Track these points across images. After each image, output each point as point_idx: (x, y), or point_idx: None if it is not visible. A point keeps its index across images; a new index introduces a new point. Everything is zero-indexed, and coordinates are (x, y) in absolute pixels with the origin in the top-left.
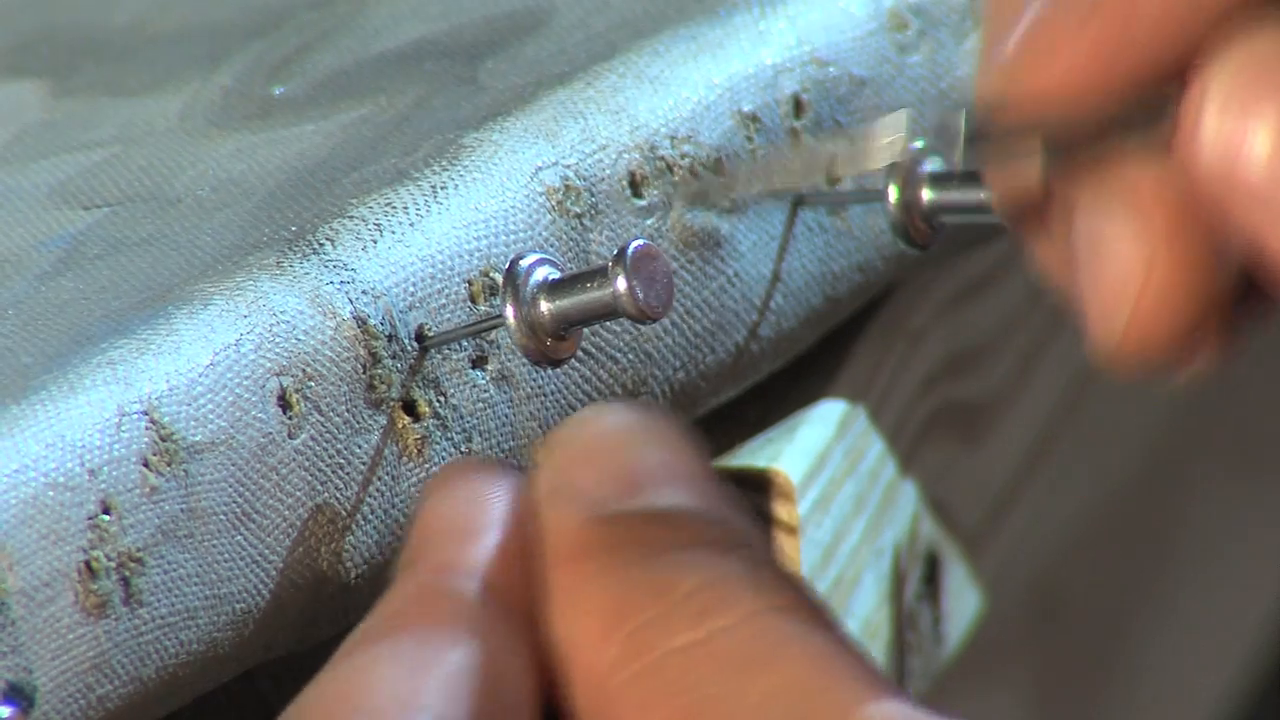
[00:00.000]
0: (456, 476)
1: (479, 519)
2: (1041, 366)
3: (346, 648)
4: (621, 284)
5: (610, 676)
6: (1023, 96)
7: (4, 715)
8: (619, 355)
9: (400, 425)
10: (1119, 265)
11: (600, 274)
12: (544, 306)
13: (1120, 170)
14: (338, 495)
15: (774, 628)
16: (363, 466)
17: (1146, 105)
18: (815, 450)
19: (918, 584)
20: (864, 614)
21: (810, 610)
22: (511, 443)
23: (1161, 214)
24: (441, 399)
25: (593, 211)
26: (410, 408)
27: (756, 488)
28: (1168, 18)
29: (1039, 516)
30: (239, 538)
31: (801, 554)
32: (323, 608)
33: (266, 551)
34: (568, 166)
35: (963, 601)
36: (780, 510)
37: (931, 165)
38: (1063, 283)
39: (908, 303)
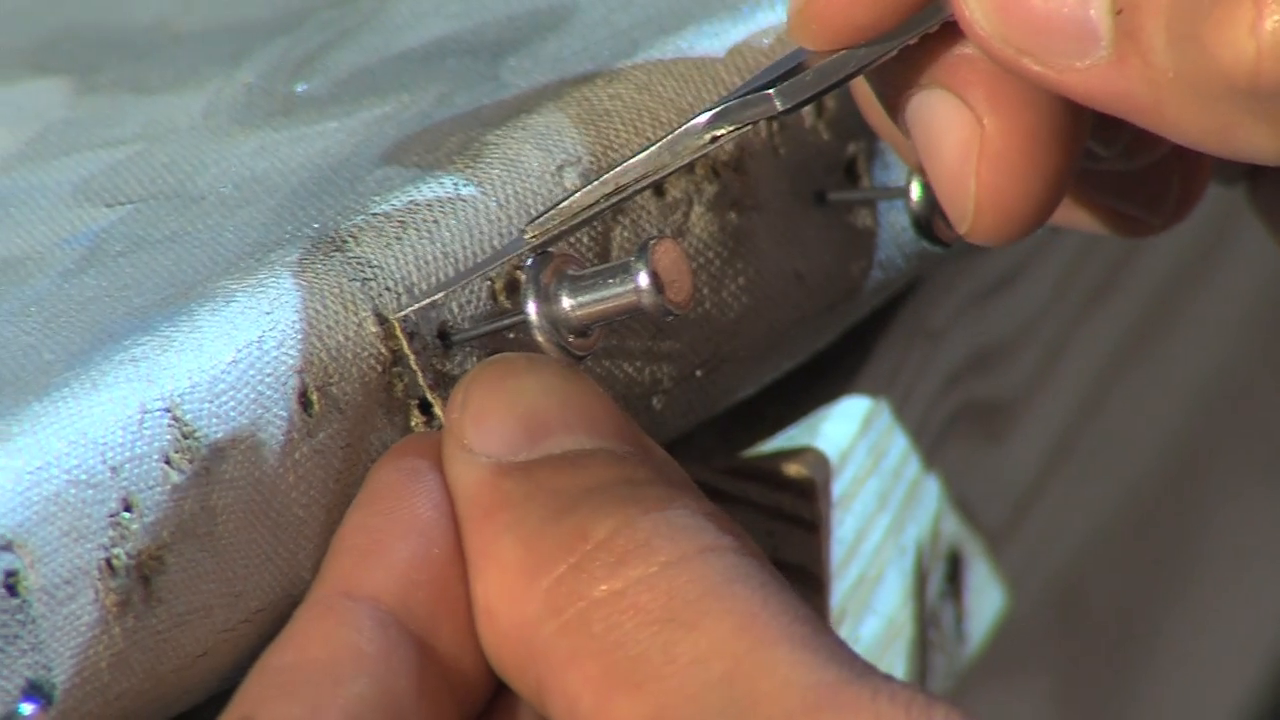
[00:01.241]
0: (378, 474)
1: (387, 529)
2: (1064, 364)
3: (256, 669)
4: (643, 280)
5: (535, 632)
6: (820, 38)
7: (24, 712)
8: (640, 352)
9: (415, 424)
10: (953, 140)
11: (622, 270)
12: (566, 303)
13: (932, 60)
14: (354, 493)
15: (695, 578)
16: None
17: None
18: (838, 447)
19: (940, 582)
20: (887, 612)
21: (731, 551)
22: None
23: (976, 82)
24: None
25: (614, 208)
26: (427, 407)
27: (779, 485)
28: None
29: (1062, 514)
30: (257, 536)
31: (824, 552)
32: None
33: (283, 550)
34: (590, 163)
35: (986, 599)
36: (803, 508)
37: None
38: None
39: (930, 300)
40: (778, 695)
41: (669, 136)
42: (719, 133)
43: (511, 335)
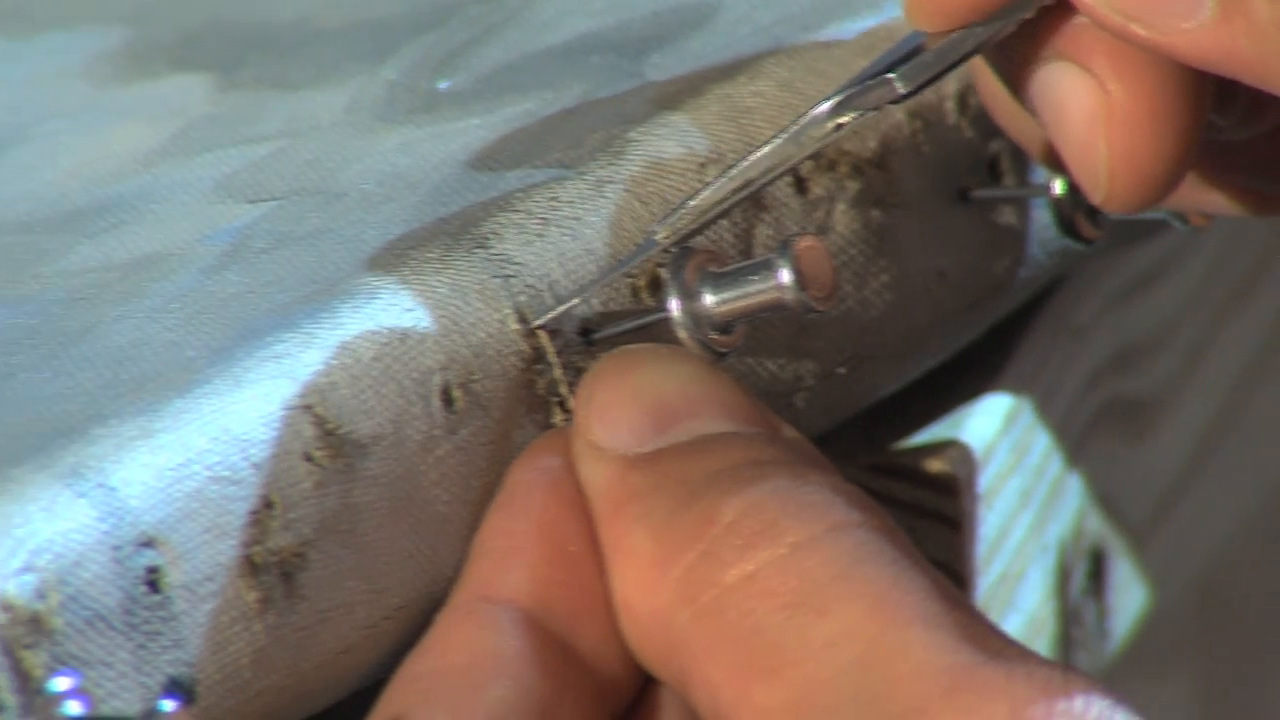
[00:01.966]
0: (513, 476)
1: (523, 530)
2: (1208, 361)
3: (399, 675)
4: (785, 277)
5: (671, 621)
6: (935, 19)
7: (165, 709)
8: (783, 349)
9: (557, 421)
10: (1080, 109)
11: (764, 267)
12: (708, 300)
13: (1052, 32)
14: (496, 490)
15: (824, 560)
16: None
17: None
18: (980, 444)
19: (1083, 579)
20: (1029, 609)
21: (860, 528)
22: None
23: (1097, 50)
24: None
25: (757, 206)
26: (563, 403)
27: (921, 482)
28: None
29: (1206, 512)
30: (399, 532)
31: (966, 549)
32: None
33: (425, 547)
34: (733, 160)
35: (1129, 597)
36: (945, 505)
37: None
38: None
39: (1073, 297)
40: (913, 679)
41: (793, 127)
42: (842, 120)
43: (653, 332)
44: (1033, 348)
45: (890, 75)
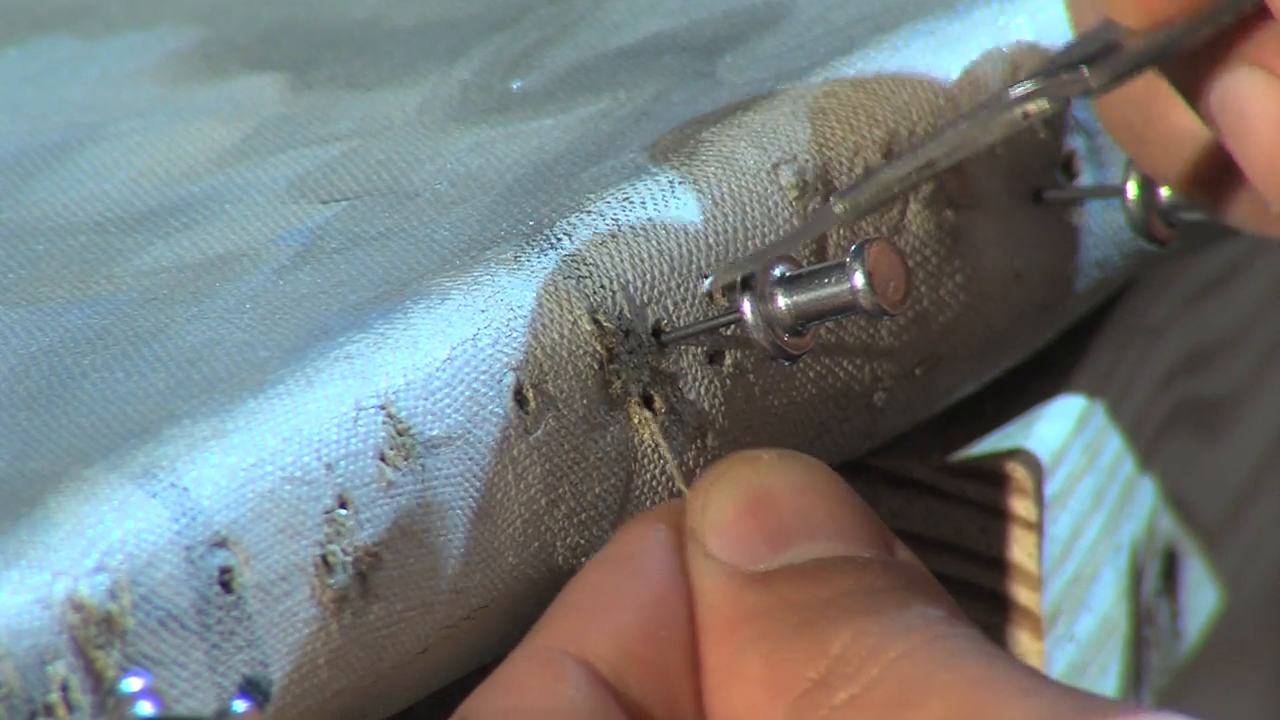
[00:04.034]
0: (624, 536)
1: (621, 595)
2: None
3: (467, 710)
4: (859, 280)
5: None
6: (1139, 15)
7: (239, 709)
8: (859, 349)
9: (637, 420)
10: (1269, 117)
11: (838, 269)
12: (781, 302)
13: (1244, 38)
14: (574, 490)
15: (920, 662)
16: (599, 462)
17: None
18: (1053, 445)
19: (1156, 579)
20: (1102, 609)
21: (955, 635)
22: (748, 438)
23: None
24: (677, 395)
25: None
26: (648, 401)
27: (995, 483)
28: None
29: (1279, 511)
30: (475, 532)
31: (1039, 549)
32: None
33: (501, 547)
34: (805, 162)
35: (1201, 597)
36: (1018, 506)
37: None
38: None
39: (1147, 299)
40: None
41: (981, 111)
42: (1031, 108)
43: (726, 333)
44: (1106, 349)
45: (1083, 68)
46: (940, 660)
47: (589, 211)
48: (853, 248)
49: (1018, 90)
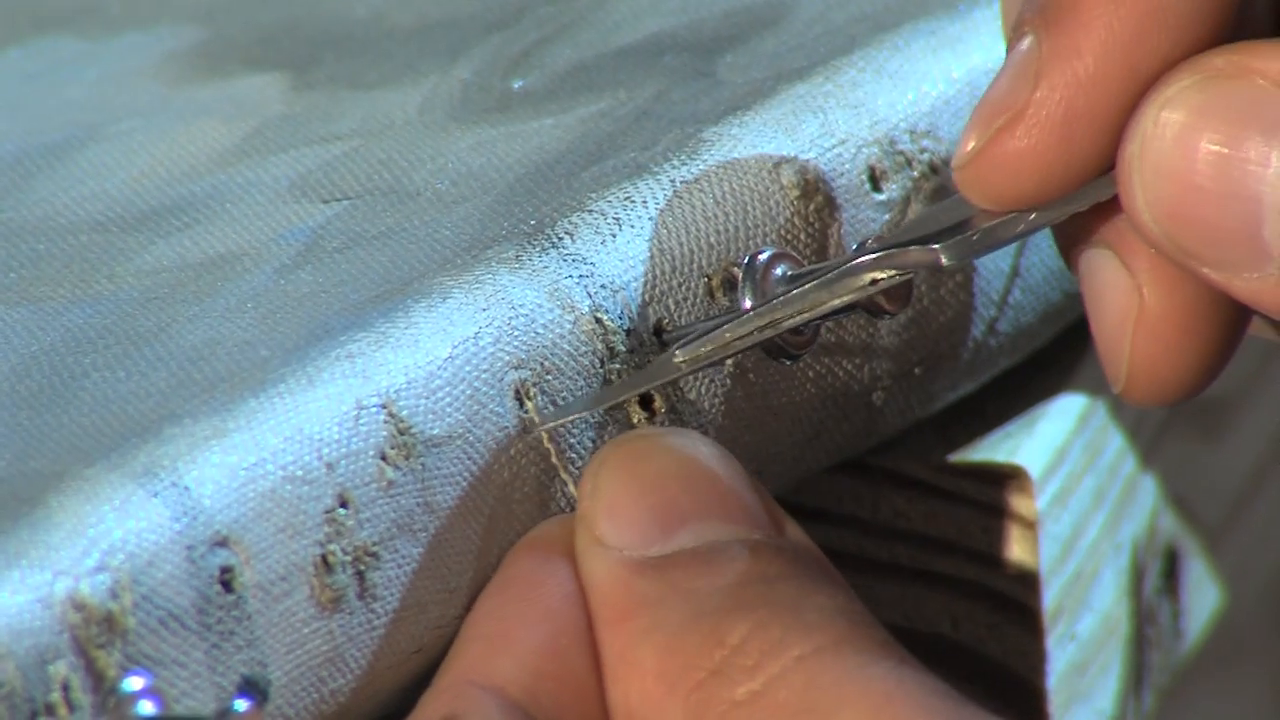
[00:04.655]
0: (511, 560)
1: (517, 617)
2: None
3: None
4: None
5: None
6: (986, 200)
7: (239, 709)
8: (859, 349)
9: (636, 420)
10: (1113, 303)
11: (838, 268)
12: None
13: (1103, 220)
14: (571, 490)
15: (828, 666)
16: None
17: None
18: (1054, 444)
19: (1157, 579)
20: (1103, 608)
21: (864, 640)
22: (747, 437)
23: (1141, 251)
24: (678, 394)
25: (831, 205)
26: (646, 402)
27: (995, 482)
28: (1099, 114)
29: (1279, 511)
30: (470, 531)
31: (1040, 548)
32: None
33: (496, 546)
34: (806, 161)
35: (1203, 596)
36: (1019, 505)
37: None
38: None
39: None
40: None
41: (830, 274)
42: (879, 276)
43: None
44: None
45: (936, 246)
46: (849, 668)
47: (590, 211)
48: (854, 246)
49: (868, 258)
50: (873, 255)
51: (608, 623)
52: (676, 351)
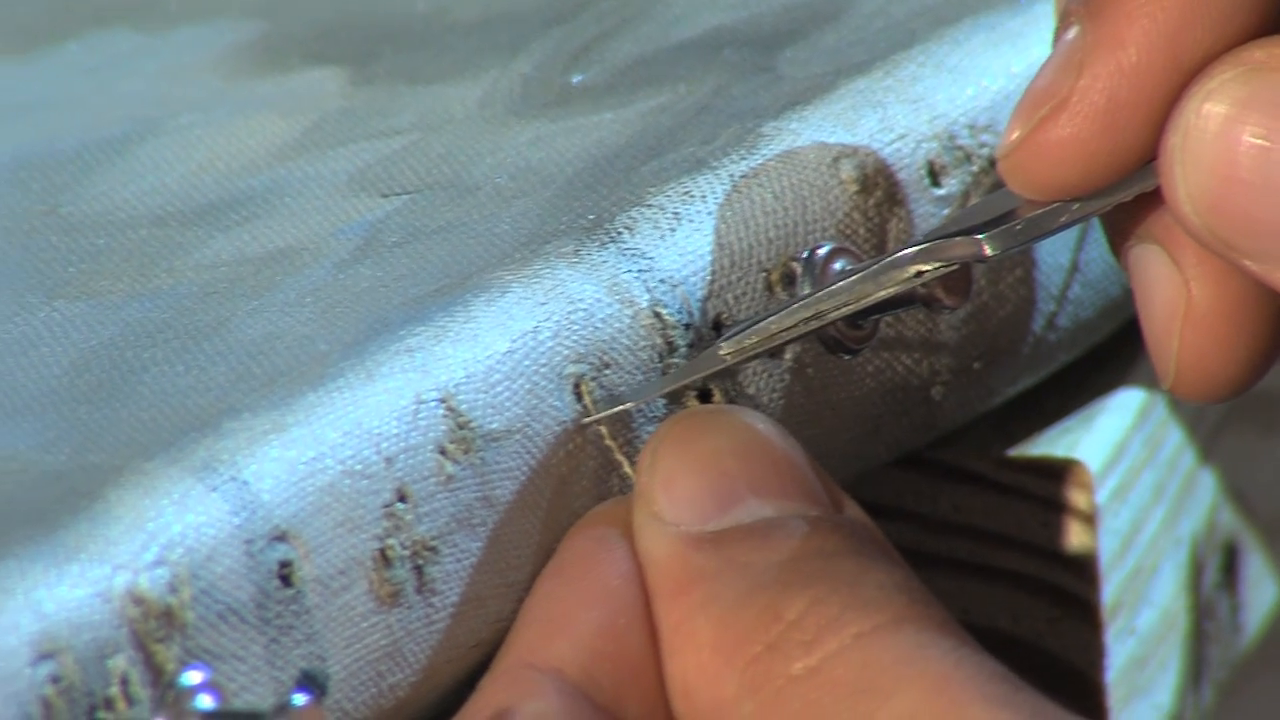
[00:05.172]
0: (569, 542)
1: (574, 598)
2: None
3: None
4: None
5: (734, 711)
6: (1029, 190)
7: (298, 703)
8: (918, 344)
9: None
10: (1161, 298)
11: (897, 264)
12: None
13: (1150, 213)
14: (627, 483)
15: (887, 647)
16: None
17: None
18: (1113, 439)
19: (1216, 574)
20: (1162, 603)
21: (923, 619)
22: (807, 431)
23: (1188, 244)
24: (736, 388)
25: (891, 200)
26: (705, 396)
27: (1054, 477)
28: (1139, 105)
29: None
30: (528, 525)
31: (1099, 543)
32: None
33: (554, 539)
34: (866, 155)
35: (1262, 591)
36: (1078, 499)
37: None
38: None
39: None
40: None
41: (875, 266)
42: (924, 268)
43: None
44: None
45: (980, 237)
46: (907, 649)
47: (649, 205)
48: (912, 240)
49: (911, 249)
50: (916, 247)
51: (664, 597)
52: (722, 344)
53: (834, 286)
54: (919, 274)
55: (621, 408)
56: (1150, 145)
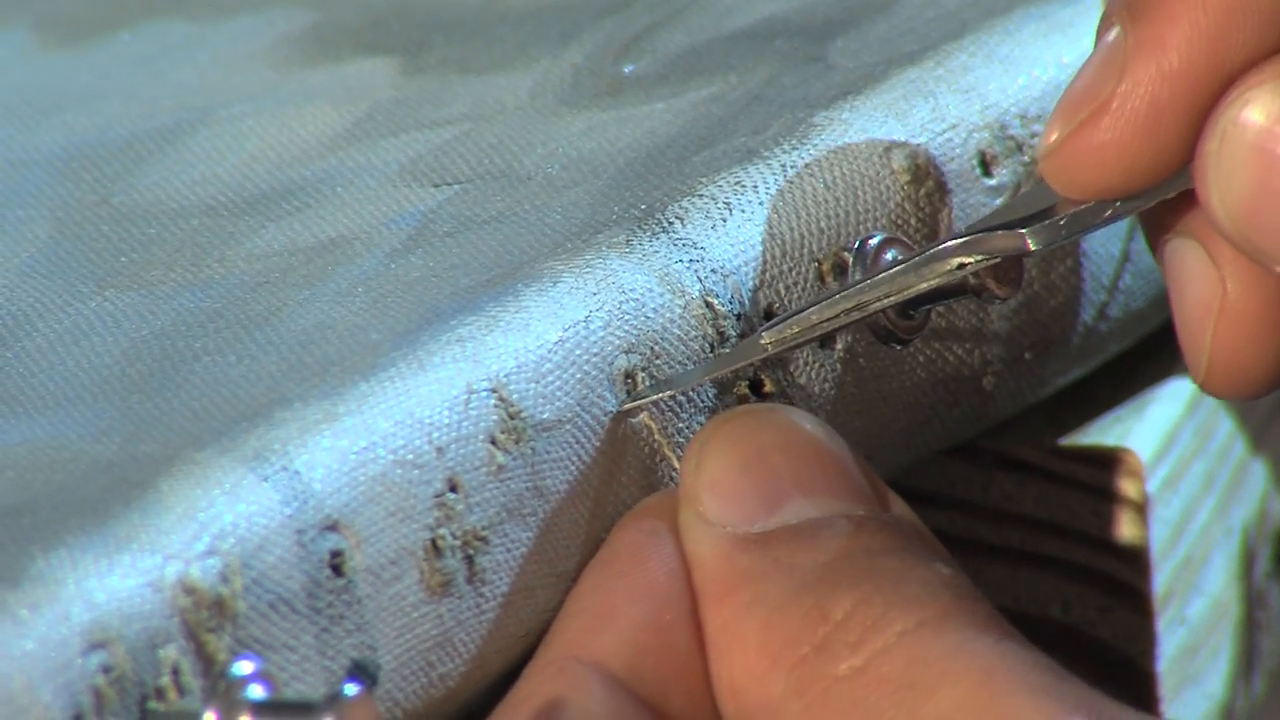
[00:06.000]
0: (616, 535)
1: (620, 592)
2: None
3: None
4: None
5: (782, 710)
6: (1071, 189)
7: (349, 693)
8: (969, 333)
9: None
10: (1196, 294)
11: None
12: None
13: (1188, 208)
14: (675, 474)
15: (931, 642)
16: None
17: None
18: (1164, 428)
19: (1267, 563)
20: (1213, 592)
21: (966, 614)
22: (857, 422)
23: (1224, 241)
24: (788, 378)
25: (942, 190)
26: (757, 386)
27: (1106, 466)
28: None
29: None
30: (577, 515)
31: (1150, 532)
32: None
33: (603, 530)
34: (917, 146)
35: None
36: (1129, 488)
37: None
38: None
39: None
40: None
41: (917, 258)
42: (966, 260)
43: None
44: None
45: (1024, 231)
46: (951, 644)
47: (701, 195)
48: (963, 231)
49: (955, 242)
50: (959, 240)
51: (711, 598)
52: (763, 334)
53: (876, 278)
54: (960, 266)
55: (659, 395)
56: (1192, 146)
